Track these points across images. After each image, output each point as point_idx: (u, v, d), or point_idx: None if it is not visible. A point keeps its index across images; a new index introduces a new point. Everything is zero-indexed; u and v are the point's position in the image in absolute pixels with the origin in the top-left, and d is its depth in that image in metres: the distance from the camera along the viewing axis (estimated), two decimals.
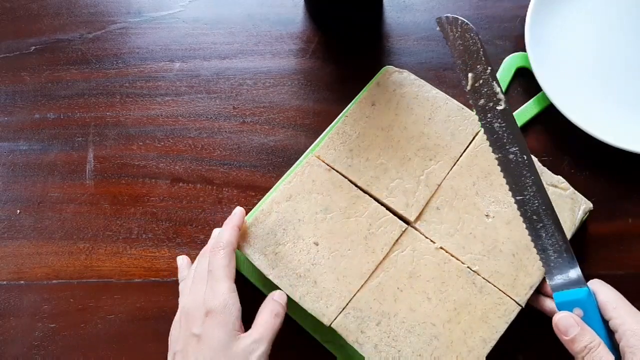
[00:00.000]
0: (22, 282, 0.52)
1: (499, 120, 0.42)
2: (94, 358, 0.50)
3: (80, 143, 0.56)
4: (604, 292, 0.39)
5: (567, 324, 0.38)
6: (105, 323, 0.50)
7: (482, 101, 0.43)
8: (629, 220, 0.51)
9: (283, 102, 0.56)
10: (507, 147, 0.42)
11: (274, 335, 0.41)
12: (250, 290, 0.49)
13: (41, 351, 0.50)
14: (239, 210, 0.47)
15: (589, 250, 0.50)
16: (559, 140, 0.49)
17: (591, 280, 0.42)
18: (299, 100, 0.56)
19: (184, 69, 0.57)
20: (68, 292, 0.51)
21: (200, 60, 0.57)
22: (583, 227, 0.50)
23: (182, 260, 0.50)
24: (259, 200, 0.52)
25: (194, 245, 0.52)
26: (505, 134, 0.42)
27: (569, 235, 0.45)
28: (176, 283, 0.51)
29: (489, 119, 0.43)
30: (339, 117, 0.53)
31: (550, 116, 0.52)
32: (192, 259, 0.52)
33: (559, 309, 0.40)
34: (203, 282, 0.43)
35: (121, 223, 0.53)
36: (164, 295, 0.51)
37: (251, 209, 0.52)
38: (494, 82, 0.43)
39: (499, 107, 0.43)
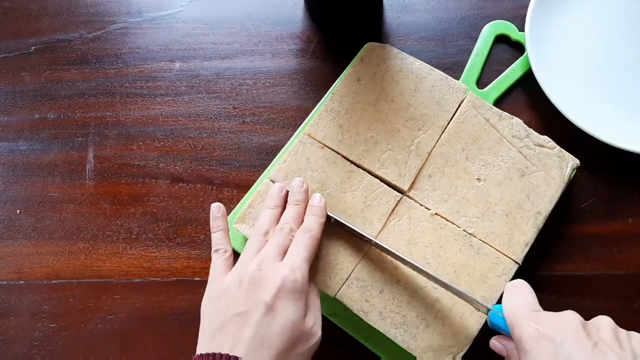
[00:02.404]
0: (22, 282, 0.52)
1: None
2: (94, 358, 0.50)
3: (80, 143, 0.56)
4: (505, 309, 0.39)
5: (497, 348, 0.40)
6: (105, 323, 0.50)
7: None
8: (629, 220, 0.51)
9: (283, 102, 0.56)
10: None
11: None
12: None
13: (41, 351, 0.50)
14: (323, 202, 0.46)
15: (590, 250, 0.50)
16: (559, 140, 0.49)
17: (506, 285, 0.41)
18: (299, 100, 0.56)
19: (184, 69, 0.57)
20: (68, 292, 0.51)
21: (200, 60, 0.57)
22: (583, 226, 0.50)
23: (222, 222, 0.46)
24: None
25: (194, 245, 0.52)
26: None
27: (559, 191, 0.47)
28: (176, 283, 0.51)
29: None
30: (326, 95, 0.54)
31: (549, 116, 0.52)
32: (192, 259, 0.52)
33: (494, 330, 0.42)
34: (279, 256, 0.42)
35: (121, 223, 0.53)
36: (164, 295, 0.51)
37: None
38: None
39: None
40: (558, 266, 0.50)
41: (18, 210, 0.54)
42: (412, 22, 0.57)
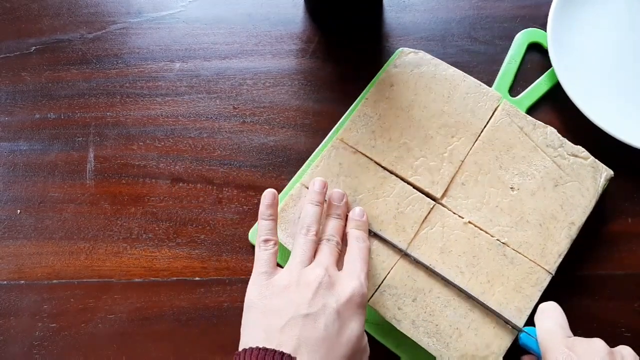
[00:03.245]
0: (22, 282, 0.52)
1: None
2: (94, 358, 0.50)
3: (81, 143, 0.56)
4: (539, 333, 0.41)
5: None
6: (105, 323, 0.50)
7: None
8: (629, 220, 0.51)
9: (283, 102, 0.56)
10: None
11: None
12: None
13: (41, 351, 0.50)
14: (366, 217, 0.46)
15: (589, 250, 0.50)
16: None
17: (539, 307, 0.43)
18: (299, 100, 0.56)
19: (184, 69, 0.57)
20: (68, 292, 0.51)
21: (201, 60, 0.57)
22: (584, 227, 0.50)
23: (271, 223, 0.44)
24: (259, 200, 0.52)
25: (194, 245, 0.52)
26: None
27: (592, 202, 0.47)
28: (176, 283, 0.51)
29: None
30: (357, 100, 0.53)
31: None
32: (192, 259, 0.52)
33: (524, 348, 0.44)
34: (336, 267, 0.42)
35: (121, 223, 0.53)
36: (164, 295, 0.51)
37: (251, 209, 0.52)
38: None
39: None
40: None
41: (18, 210, 0.54)
42: (412, 22, 0.57)
